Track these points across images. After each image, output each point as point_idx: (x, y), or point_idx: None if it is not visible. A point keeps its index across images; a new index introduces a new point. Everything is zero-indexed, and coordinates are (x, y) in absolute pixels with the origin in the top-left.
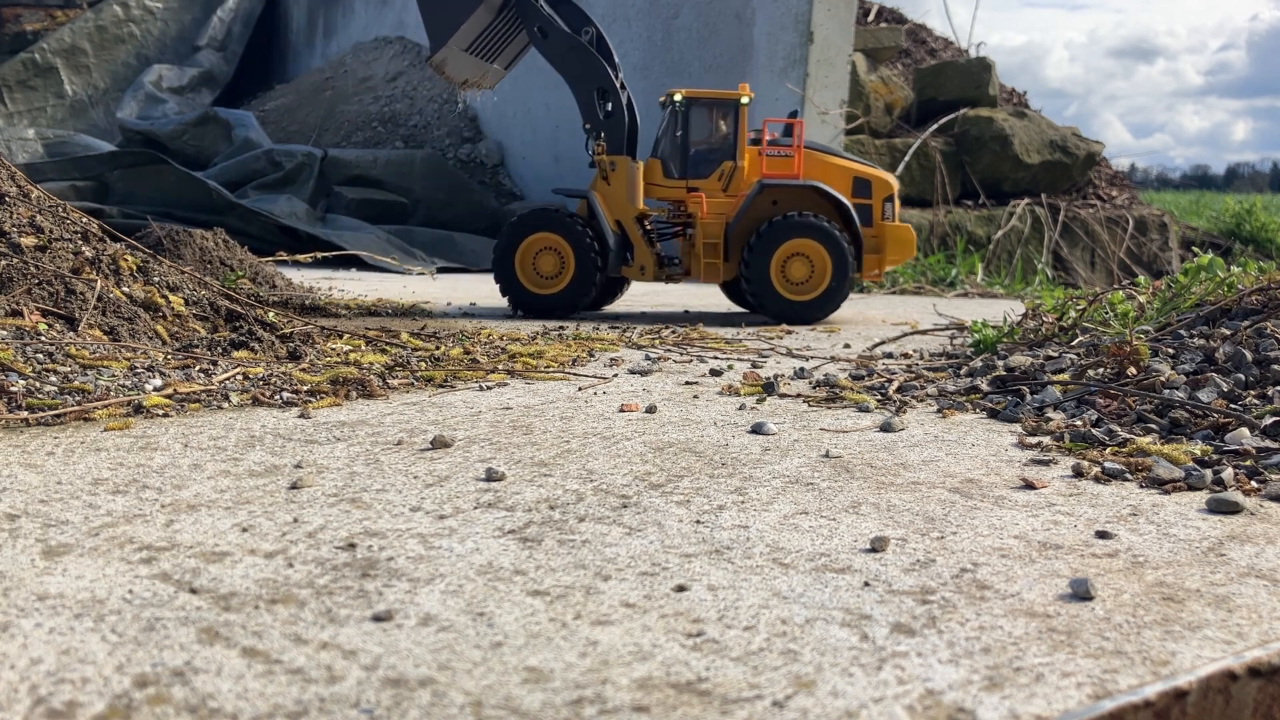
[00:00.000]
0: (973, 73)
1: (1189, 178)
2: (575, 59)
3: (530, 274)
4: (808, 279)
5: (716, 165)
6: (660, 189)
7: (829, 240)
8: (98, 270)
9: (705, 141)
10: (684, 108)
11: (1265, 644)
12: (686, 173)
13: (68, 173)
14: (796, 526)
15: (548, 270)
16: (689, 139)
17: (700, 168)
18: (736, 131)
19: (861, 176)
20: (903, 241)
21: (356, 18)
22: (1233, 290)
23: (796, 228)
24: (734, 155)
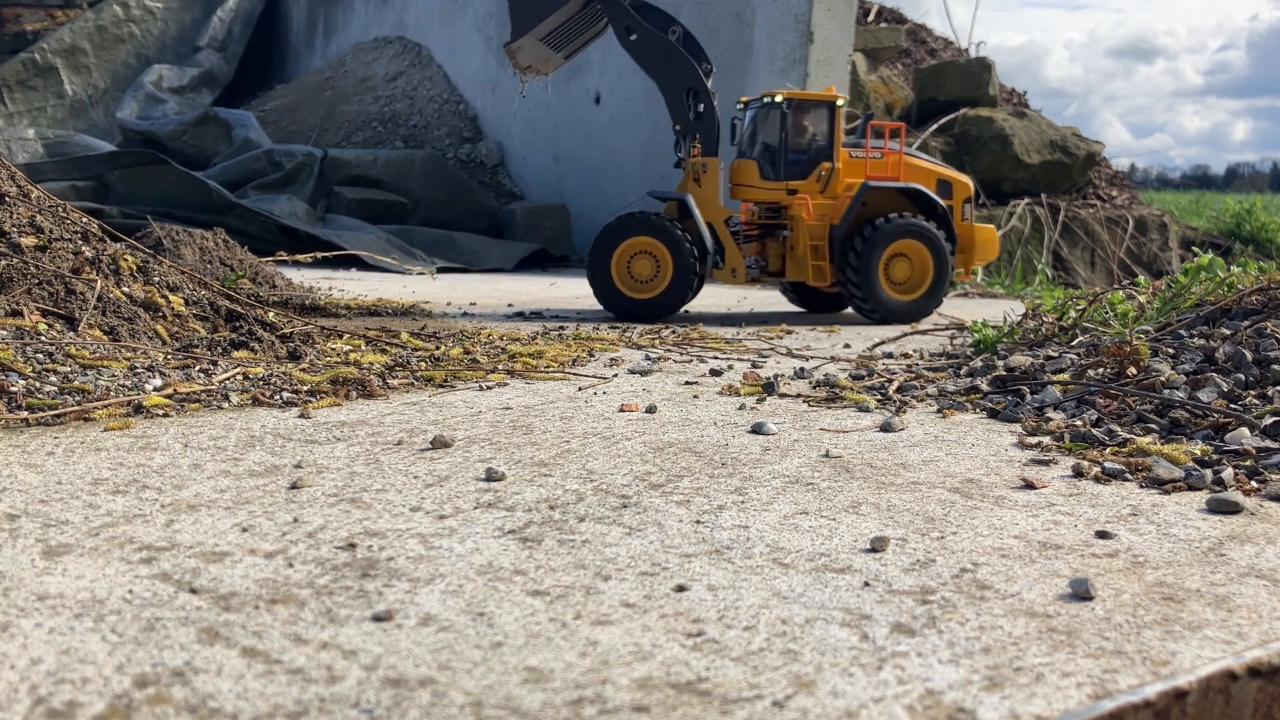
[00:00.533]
0: (973, 73)
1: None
2: (663, 58)
3: (625, 278)
4: (908, 279)
5: (814, 166)
6: (756, 190)
7: (931, 241)
8: (98, 270)
9: (804, 143)
10: (787, 109)
11: (1265, 644)
12: (786, 174)
13: (68, 173)
14: (796, 526)
15: (643, 274)
16: (789, 140)
17: (799, 169)
18: (833, 133)
19: (944, 178)
20: (988, 242)
21: (356, 18)
22: (1233, 290)
23: (901, 229)
24: (831, 156)
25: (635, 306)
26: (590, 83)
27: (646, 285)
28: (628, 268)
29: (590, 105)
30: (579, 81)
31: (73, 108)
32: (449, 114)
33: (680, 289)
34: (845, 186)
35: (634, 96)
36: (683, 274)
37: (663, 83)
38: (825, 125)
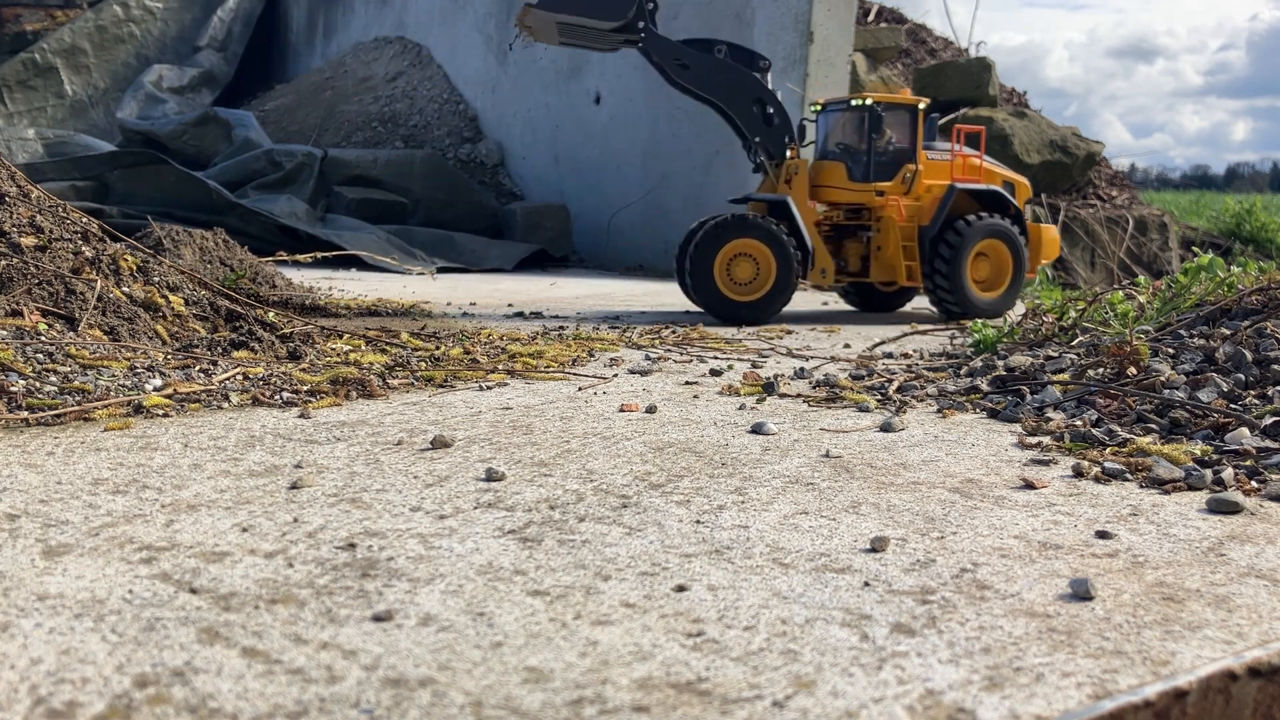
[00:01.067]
0: (973, 73)
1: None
2: (722, 78)
3: (726, 281)
4: (988, 277)
5: (899, 168)
6: (842, 191)
7: (1011, 241)
8: (98, 270)
9: (890, 145)
10: (878, 111)
11: (1265, 644)
12: (874, 176)
13: (68, 173)
14: (796, 526)
15: (743, 277)
16: (877, 142)
17: (885, 171)
18: (915, 135)
19: (1007, 180)
20: (1051, 241)
21: (356, 18)
22: (1233, 290)
23: (986, 230)
24: (915, 158)
25: (739, 309)
26: (590, 83)
27: (746, 288)
28: (728, 270)
29: (590, 105)
30: (579, 81)
31: (73, 108)
32: (449, 114)
33: (784, 290)
34: (925, 188)
35: (634, 96)
36: (786, 275)
37: (730, 103)
38: (908, 128)
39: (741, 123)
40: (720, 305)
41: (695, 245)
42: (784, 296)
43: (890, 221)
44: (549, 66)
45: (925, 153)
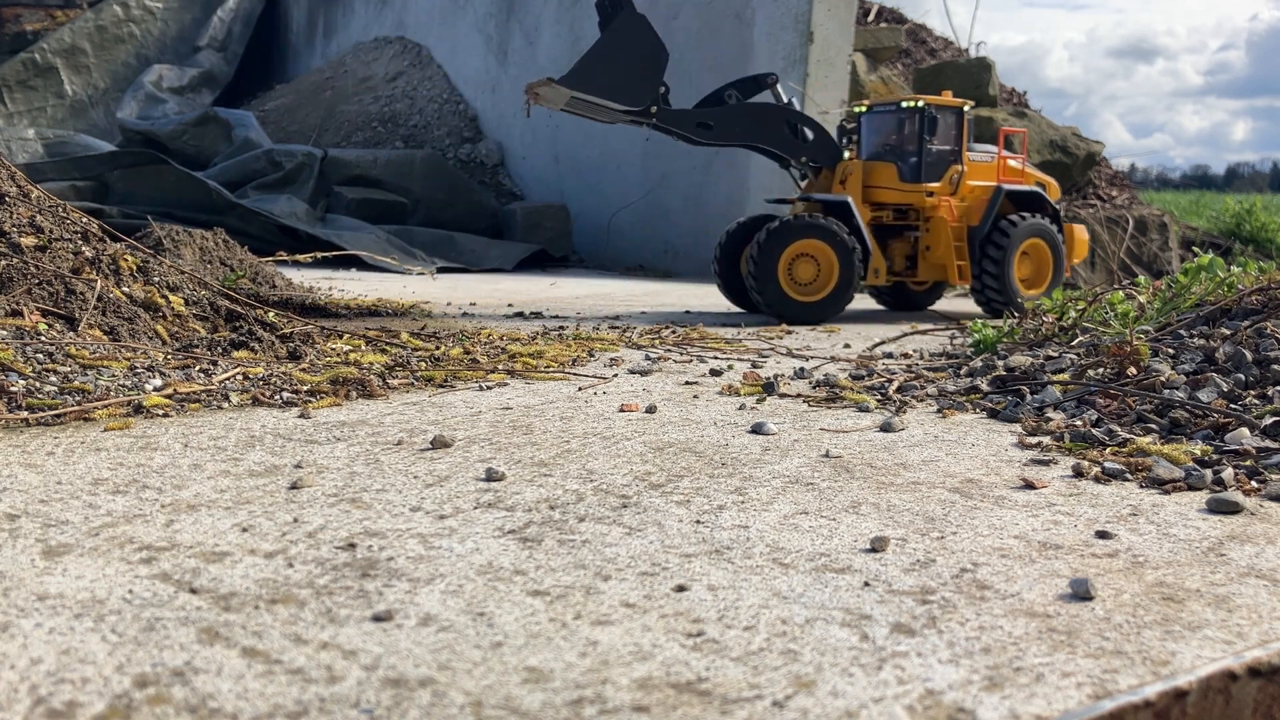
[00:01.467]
0: (973, 73)
1: (1189, 178)
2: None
3: (788, 281)
4: (1030, 275)
5: (947, 170)
6: (892, 192)
7: (1051, 240)
8: (98, 270)
9: (939, 147)
10: (932, 113)
11: (1265, 644)
12: (925, 177)
13: (68, 173)
14: (796, 526)
15: (805, 278)
16: (927, 144)
17: (935, 172)
18: (961, 137)
19: (1040, 181)
20: (1081, 241)
21: (356, 18)
22: (1233, 290)
23: (1030, 229)
24: (960, 160)
25: (803, 310)
26: None
27: (808, 288)
28: (790, 271)
29: None
30: None
31: (73, 108)
32: (449, 114)
33: (846, 290)
34: (969, 189)
35: None
36: (848, 275)
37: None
38: (954, 130)
39: (780, 151)
40: (782, 306)
41: (759, 245)
42: (847, 296)
43: (942, 222)
44: (549, 66)
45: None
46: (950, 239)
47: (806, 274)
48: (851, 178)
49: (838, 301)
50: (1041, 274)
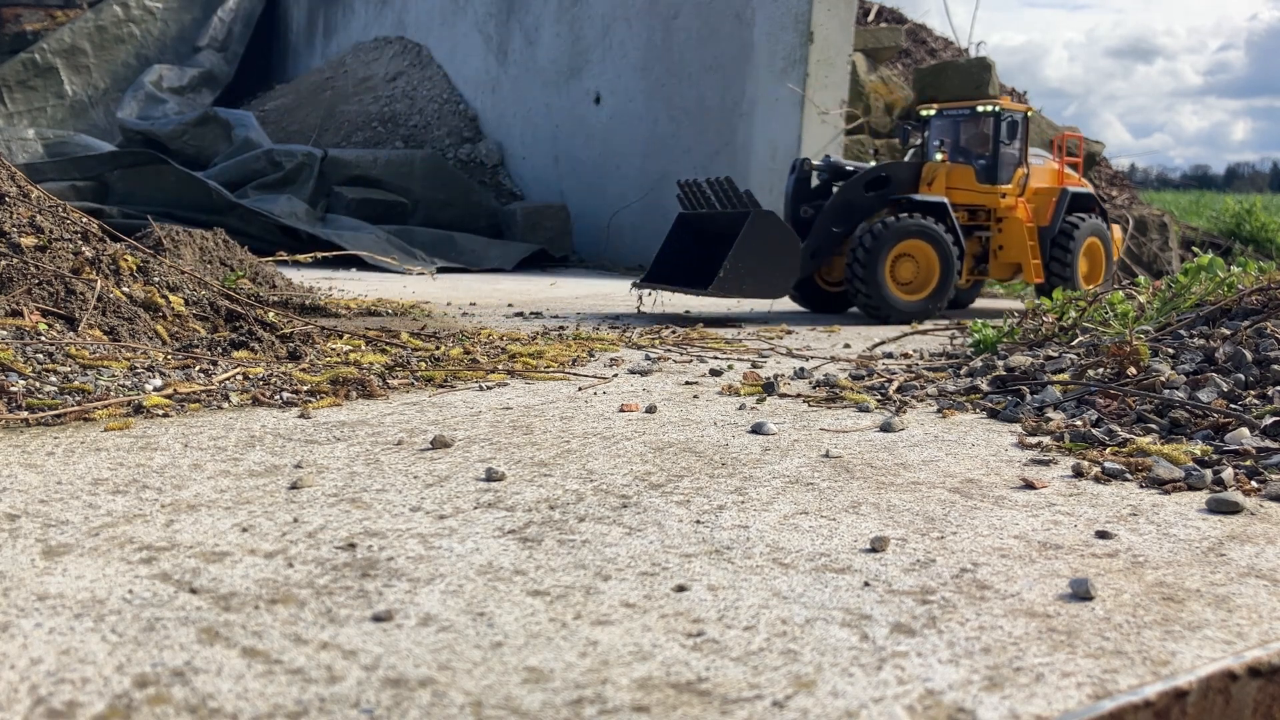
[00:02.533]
0: (973, 73)
1: (1189, 178)
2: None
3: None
4: (1087, 272)
5: (1015, 172)
6: (970, 194)
7: (1104, 237)
8: (98, 270)
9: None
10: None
11: (1265, 644)
12: (1000, 179)
13: (68, 173)
14: (796, 526)
15: (905, 278)
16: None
17: (1007, 174)
18: (1025, 141)
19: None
20: (1118, 240)
21: (356, 18)
22: (1233, 290)
23: (1090, 229)
24: (1025, 162)
25: (907, 309)
26: (590, 83)
27: (908, 287)
28: (890, 272)
29: (590, 105)
30: (579, 82)
31: (73, 108)
32: (449, 114)
33: (947, 289)
34: (1033, 191)
35: (634, 96)
36: (948, 274)
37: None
38: (1020, 134)
39: None
40: (886, 307)
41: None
42: (947, 294)
43: (1018, 222)
44: (549, 66)
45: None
46: (1025, 238)
47: (907, 273)
48: (938, 180)
49: (939, 299)
50: (1096, 270)
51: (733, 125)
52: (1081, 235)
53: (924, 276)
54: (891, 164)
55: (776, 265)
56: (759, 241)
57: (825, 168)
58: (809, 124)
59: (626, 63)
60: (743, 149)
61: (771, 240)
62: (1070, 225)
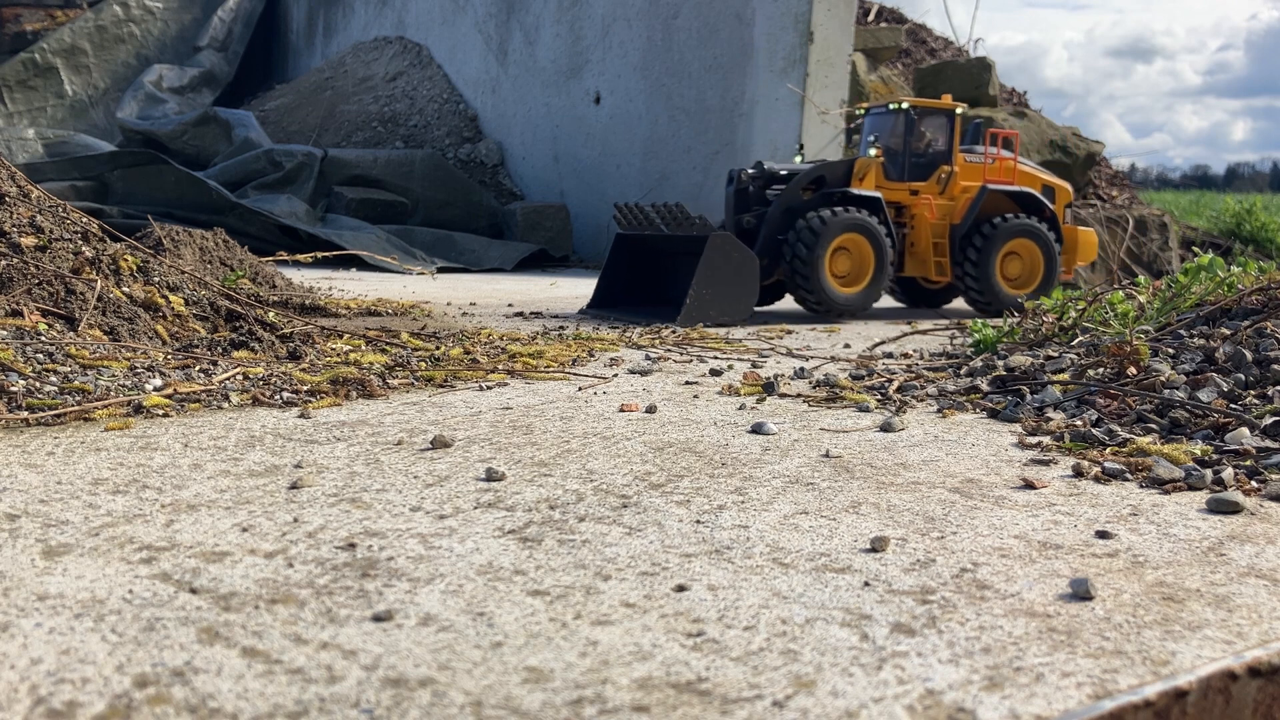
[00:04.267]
0: (973, 72)
1: (1189, 178)
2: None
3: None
4: (1019, 275)
5: (934, 169)
6: (891, 191)
7: (1042, 241)
8: (98, 270)
9: (925, 147)
10: (915, 115)
11: (1265, 644)
12: (909, 176)
13: (68, 173)
14: (796, 526)
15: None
16: (912, 144)
17: (920, 171)
18: (952, 138)
19: (1047, 184)
20: (1088, 244)
21: (356, 18)
22: (1233, 290)
23: (1017, 229)
24: (950, 160)
25: (844, 301)
26: (590, 83)
27: (845, 280)
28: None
29: (590, 105)
30: (579, 81)
31: (73, 108)
32: (449, 114)
33: (881, 282)
34: (962, 189)
35: (634, 96)
36: (883, 267)
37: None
38: (945, 131)
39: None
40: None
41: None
42: (881, 289)
43: (922, 219)
44: (549, 66)
45: (963, 155)
46: (930, 236)
47: (843, 267)
48: (869, 175)
49: (874, 293)
50: (1033, 274)
51: (733, 125)
52: (1002, 235)
53: (860, 270)
54: (825, 163)
55: (739, 287)
56: (720, 265)
57: (759, 174)
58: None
59: (626, 63)
60: (743, 149)
61: (731, 262)
62: (987, 225)
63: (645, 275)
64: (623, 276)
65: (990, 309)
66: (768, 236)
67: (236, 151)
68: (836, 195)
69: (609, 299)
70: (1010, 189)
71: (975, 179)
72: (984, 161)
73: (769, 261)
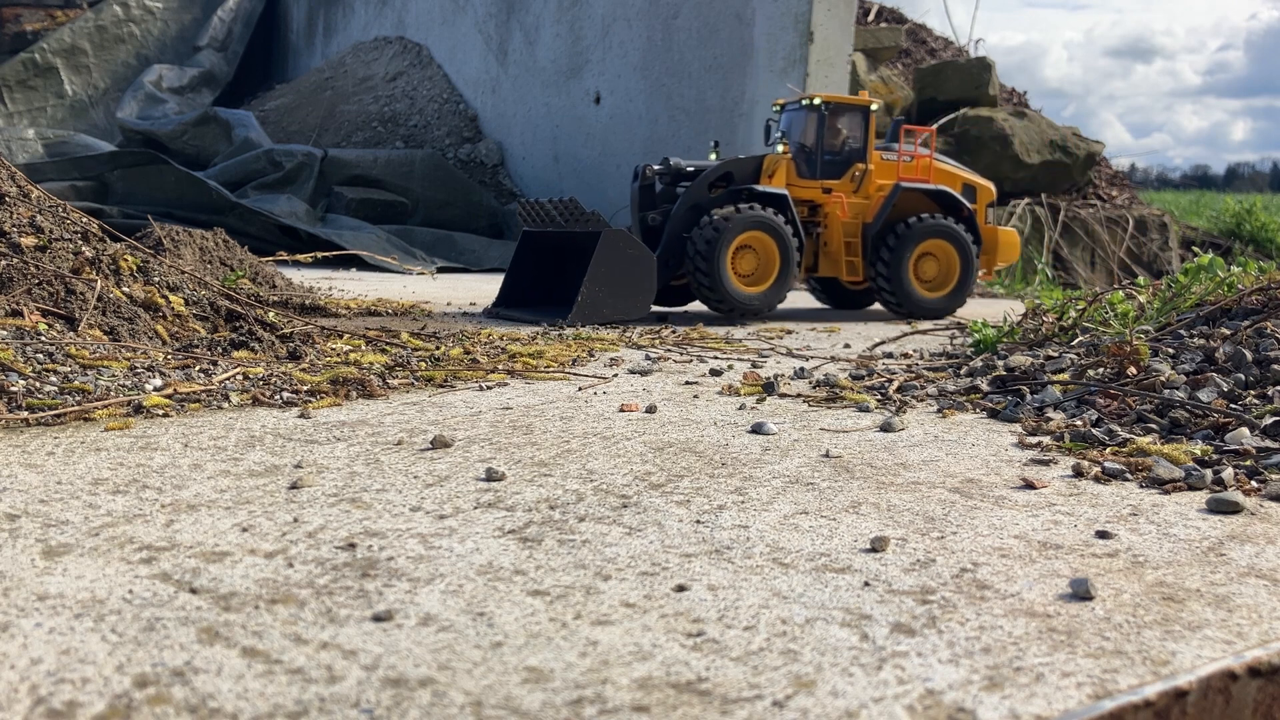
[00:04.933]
0: (973, 72)
1: (1189, 178)
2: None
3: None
4: (935, 277)
5: (848, 167)
6: (793, 189)
7: (958, 241)
8: (98, 270)
9: (839, 144)
10: (825, 111)
11: (1265, 644)
12: (822, 173)
13: (68, 173)
14: (796, 526)
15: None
16: (826, 141)
17: (834, 169)
18: (867, 135)
19: (969, 183)
20: (1009, 245)
21: (356, 18)
22: (1233, 290)
23: (931, 229)
24: (865, 158)
25: (747, 301)
26: (590, 83)
27: (749, 279)
28: (732, 264)
29: (590, 105)
30: (579, 81)
31: (73, 108)
32: (449, 114)
33: (787, 281)
34: (877, 187)
35: (634, 96)
36: (788, 266)
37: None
38: (860, 128)
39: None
40: (724, 297)
41: (707, 241)
42: (786, 288)
43: (835, 218)
44: (549, 66)
45: (880, 153)
46: (842, 235)
47: (748, 266)
48: (778, 172)
49: (779, 292)
50: (948, 276)
51: (733, 125)
52: (914, 235)
53: (765, 269)
54: (733, 160)
55: (634, 284)
56: (613, 262)
57: (666, 170)
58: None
59: (626, 63)
60: (743, 149)
61: (626, 259)
62: (902, 224)
63: (550, 273)
64: (529, 274)
65: (903, 311)
66: (672, 234)
67: (236, 151)
68: (744, 193)
69: (515, 297)
70: (926, 187)
71: (891, 177)
72: (900, 159)
73: (672, 260)
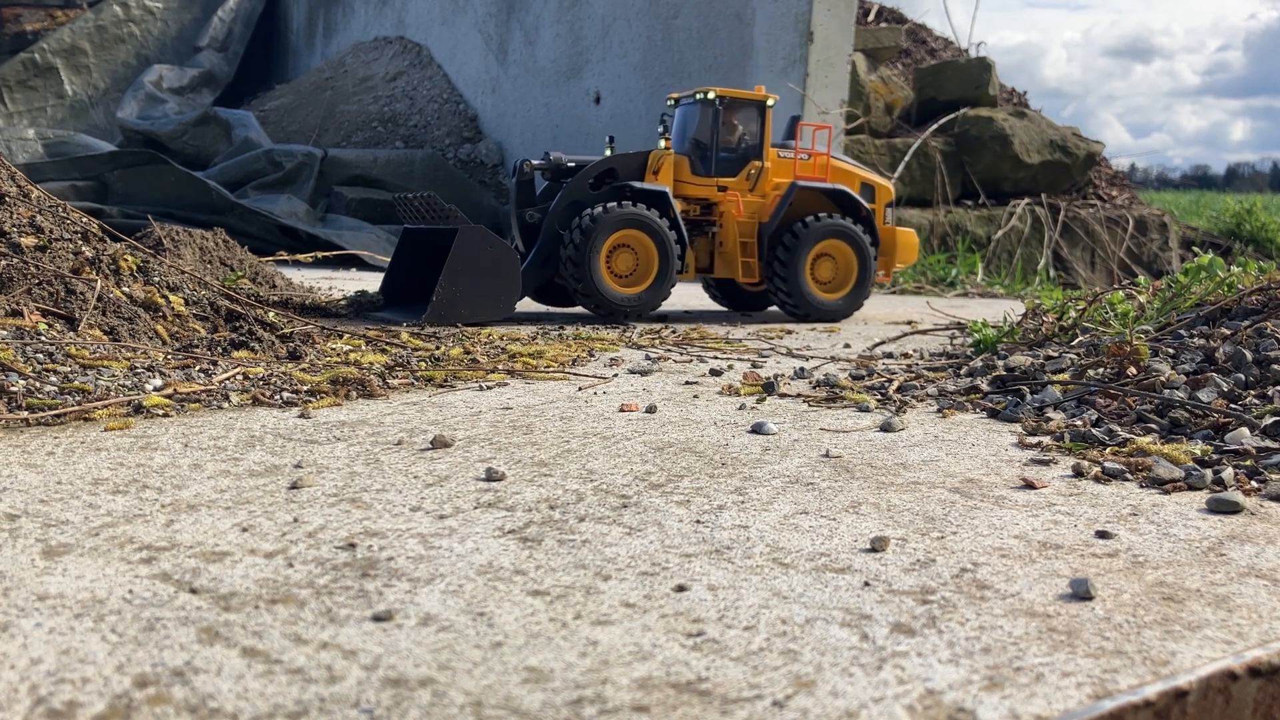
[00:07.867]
0: (973, 72)
1: (1189, 178)
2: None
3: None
4: (833, 278)
5: (744, 165)
6: (689, 186)
7: (855, 242)
8: (98, 270)
9: (735, 141)
10: (720, 106)
11: (1265, 644)
12: (717, 171)
13: (68, 173)
14: (796, 526)
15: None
16: (720, 137)
17: (729, 166)
18: (763, 132)
19: (867, 182)
20: (908, 245)
21: (356, 18)
22: (1233, 290)
23: (827, 230)
24: (761, 155)
25: (623, 302)
26: (590, 83)
27: (626, 280)
28: (608, 263)
29: (590, 105)
30: (579, 81)
31: (73, 108)
32: (449, 114)
33: (666, 281)
34: (774, 186)
35: (634, 96)
36: (667, 266)
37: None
38: (756, 124)
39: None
40: (599, 298)
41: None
42: (667, 289)
43: (730, 217)
44: (549, 66)
45: (776, 151)
46: (737, 235)
47: (625, 266)
48: (664, 169)
49: (658, 292)
50: (845, 277)
51: None
52: (811, 235)
53: (644, 269)
54: (617, 156)
55: (497, 283)
56: (473, 260)
57: (547, 166)
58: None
59: (626, 63)
60: None
61: (485, 257)
62: (798, 224)
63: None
64: (406, 272)
65: (799, 313)
66: (549, 231)
67: (236, 151)
68: (625, 190)
69: (392, 295)
70: (823, 186)
71: (788, 176)
72: (798, 158)
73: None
